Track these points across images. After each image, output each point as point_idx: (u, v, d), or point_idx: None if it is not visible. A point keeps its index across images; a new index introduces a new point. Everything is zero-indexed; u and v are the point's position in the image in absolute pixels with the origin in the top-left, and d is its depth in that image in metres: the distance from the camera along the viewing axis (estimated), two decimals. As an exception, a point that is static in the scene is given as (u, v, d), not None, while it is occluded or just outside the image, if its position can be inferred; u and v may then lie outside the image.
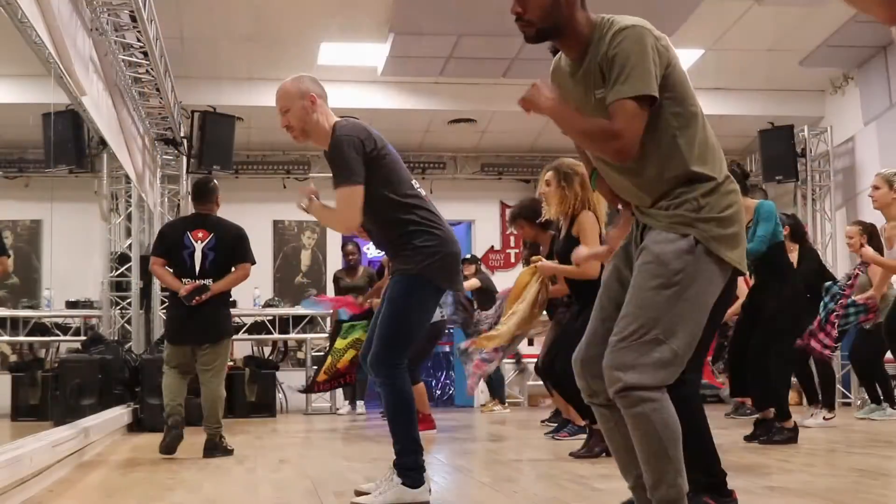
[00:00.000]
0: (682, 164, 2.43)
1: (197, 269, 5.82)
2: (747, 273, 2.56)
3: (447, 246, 3.70)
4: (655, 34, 2.41)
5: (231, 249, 5.90)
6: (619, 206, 2.71)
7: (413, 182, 3.78)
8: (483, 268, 10.91)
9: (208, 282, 5.81)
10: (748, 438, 6.03)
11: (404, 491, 3.55)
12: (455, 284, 3.82)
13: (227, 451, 5.80)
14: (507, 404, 10.42)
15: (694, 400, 3.25)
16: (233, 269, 5.96)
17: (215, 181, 6.22)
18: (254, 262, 6.05)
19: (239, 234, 5.99)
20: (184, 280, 5.83)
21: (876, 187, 6.04)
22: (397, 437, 3.61)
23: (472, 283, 10.01)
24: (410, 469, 3.58)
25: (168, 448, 5.68)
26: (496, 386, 10.39)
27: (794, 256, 7.23)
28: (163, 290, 9.85)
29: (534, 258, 6.09)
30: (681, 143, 2.43)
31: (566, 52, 2.54)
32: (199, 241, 5.87)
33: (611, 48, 2.37)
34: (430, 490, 3.68)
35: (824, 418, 7.20)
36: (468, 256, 10.54)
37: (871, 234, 7.69)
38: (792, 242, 7.14)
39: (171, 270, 5.92)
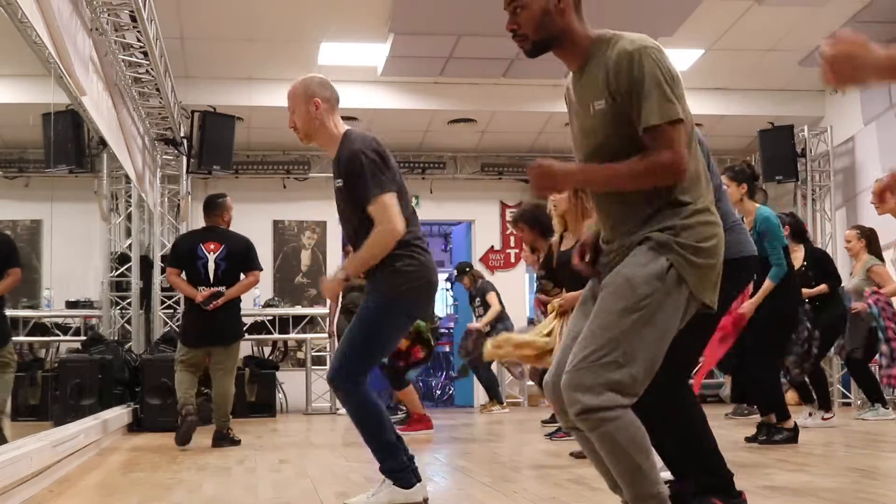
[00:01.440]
0: (667, 193, 2.41)
1: (211, 277, 6.48)
2: (714, 309, 2.52)
3: (427, 274, 3.64)
4: (664, 52, 2.41)
5: (241, 259, 6.56)
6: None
7: (409, 197, 3.75)
8: (477, 275, 10.59)
9: (222, 288, 6.45)
10: (749, 439, 6.03)
11: (397, 492, 3.56)
12: (426, 313, 3.80)
13: (235, 442, 6.40)
14: (506, 404, 10.42)
15: (692, 401, 3.25)
16: (242, 276, 6.62)
17: (227, 199, 6.78)
18: (261, 270, 6.73)
19: (248, 244, 6.66)
20: (199, 288, 6.46)
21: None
22: (372, 446, 3.62)
23: (493, 313, 9.86)
24: (396, 471, 3.59)
25: (183, 438, 6.21)
26: (491, 387, 10.37)
27: (798, 255, 7.22)
28: (164, 294, 9.92)
29: (552, 302, 5.95)
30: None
31: (566, 63, 2.54)
32: (212, 252, 6.52)
33: (631, 68, 2.34)
34: (426, 491, 3.69)
35: (823, 418, 7.20)
36: (454, 270, 10.44)
37: (869, 239, 7.69)
38: (794, 243, 7.14)
39: (186, 279, 6.56)
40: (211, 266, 6.46)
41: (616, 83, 2.37)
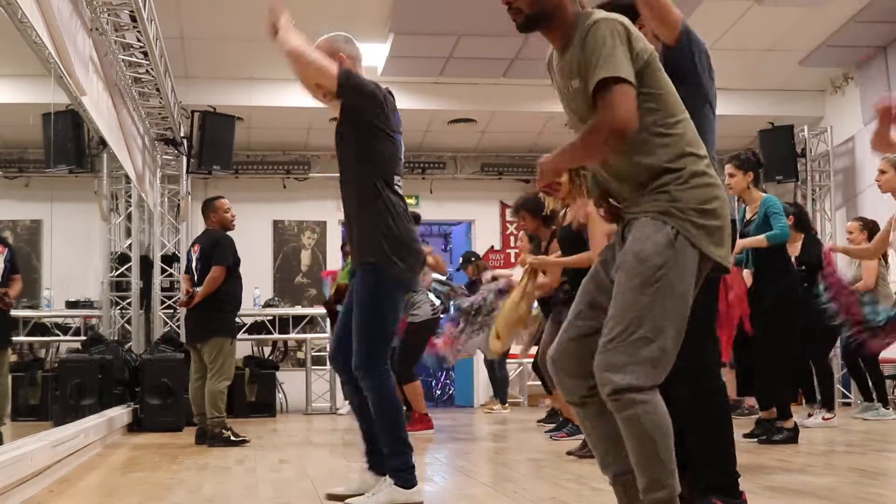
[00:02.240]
0: (655, 162, 2.41)
1: (196, 278, 6.75)
2: (730, 268, 2.56)
3: (410, 243, 3.67)
4: (631, 30, 2.40)
5: (208, 256, 6.66)
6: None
7: (399, 178, 3.77)
8: (482, 266, 10.66)
9: (195, 289, 6.69)
10: (747, 436, 6.03)
11: (397, 492, 3.55)
12: (412, 284, 3.81)
13: (230, 443, 6.42)
14: (507, 405, 10.40)
15: (719, 394, 3.22)
16: None
17: (216, 201, 6.91)
18: (225, 265, 6.64)
19: (215, 241, 6.70)
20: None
21: (882, 171, 6.01)
22: (384, 439, 3.61)
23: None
24: (400, 470, 3.58)
25: (199, 440, 6.59)
26: (500, 386, 10.35)
27: (797, 246, 7.22)
28: (164, 294, 9.93)
29: (522, 257, 6.12)
30: (656, 141, 2.41)
31: (552, 42, 2.55)
32: (194, 254, 6.82)
33: (585, 40, 2.37)
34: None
35: (823, 418, 7.19)
36: (460, 258, 10.45)
37: (871, 231, 7.68)
38: (797, 232, 7.15)
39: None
40: (194, 267, 6.79)
41: (579, 60, 2.40)
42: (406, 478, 3.58)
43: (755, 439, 5.97)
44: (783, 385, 6.04)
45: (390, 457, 3.60)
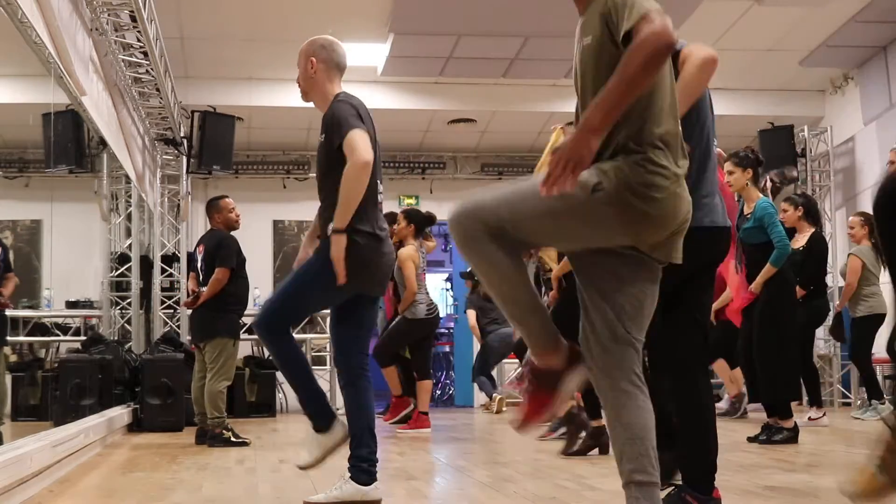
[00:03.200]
0: (622, 139, 2.35)
1: (201, 278, 6.74)
2: (651, 255, 2.43)
3: (370, 254, 3.67)
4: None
5: (212, 257, 6.64)
6: None
7: (379, 183, 3.79)
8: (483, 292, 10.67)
9: (201, 290, 6.68)
10: (751, 439, 6.01)
11: (324, 437, 3.65)
12: (364, 287, 3.78)
13: (230, 443, 6.43)
14: (494, 399, 10.34)
15: (708, 390, 3.25)
16: None
17: (220, 200, 6.91)
18: (229, 267, 6.58)
19: (218, 241, 6.68)
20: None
21: (892, 162, 6.00)
22: (301, 394, 3.72)
23: (471, 323, 10.15)
24: (317, 414, 3.67)
25: (199, 440, 6.59)
26: (484, 387, 10.29)
27: (805, 236, 7.22)
28: (164, 294, 9.92)
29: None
30: (646, 115, 2.36)
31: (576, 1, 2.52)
32: (199, 254, 6.82)
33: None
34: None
35: (809, 418, 7.14)
36: (468, 270, 10.45)
37: (873, 227, 7.68)
38: (806, 223, 7.16)
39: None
40: (199, 267, 6.79)
41: (602, 13, 2.34)
42: (324, 415, 3.69)
43: (757, 441, 5.95)
44: (785, 383, 6.01)
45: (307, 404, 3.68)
